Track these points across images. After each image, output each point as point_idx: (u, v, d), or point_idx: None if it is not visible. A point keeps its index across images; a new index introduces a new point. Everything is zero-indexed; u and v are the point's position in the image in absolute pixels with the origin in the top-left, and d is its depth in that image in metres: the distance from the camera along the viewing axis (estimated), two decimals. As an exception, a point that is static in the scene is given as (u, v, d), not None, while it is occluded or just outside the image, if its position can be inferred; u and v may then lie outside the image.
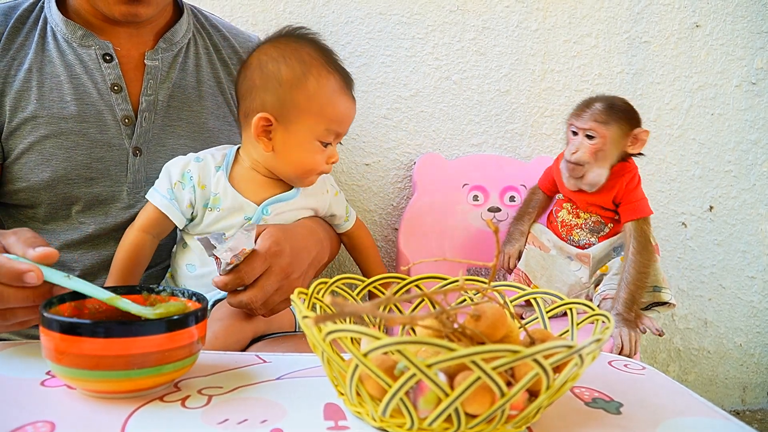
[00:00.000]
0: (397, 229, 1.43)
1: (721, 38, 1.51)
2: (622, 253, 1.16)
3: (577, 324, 0.58)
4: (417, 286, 0.63)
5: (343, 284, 0.61)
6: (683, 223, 1.57)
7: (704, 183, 1.56)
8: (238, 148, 0.91)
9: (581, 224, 1.19)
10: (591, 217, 1.19)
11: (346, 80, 0.88)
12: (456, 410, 0.42)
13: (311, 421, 0.47)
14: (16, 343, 0.61)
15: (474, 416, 0.43)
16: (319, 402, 0.51)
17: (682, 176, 1.55)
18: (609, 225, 1.18)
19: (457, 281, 0.63)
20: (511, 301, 0.61)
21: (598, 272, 1.18)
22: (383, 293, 0.63)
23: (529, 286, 0.67)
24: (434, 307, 0.63)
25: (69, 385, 0.51)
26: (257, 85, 0.85)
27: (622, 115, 1.12)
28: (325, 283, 0.59)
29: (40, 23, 0.89)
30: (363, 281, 0.61)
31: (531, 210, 1.26)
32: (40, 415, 0.46)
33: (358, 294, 0.61)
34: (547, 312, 0.60)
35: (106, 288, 0.57)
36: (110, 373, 0.48)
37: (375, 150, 1.43)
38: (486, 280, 0.59)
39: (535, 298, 0.61)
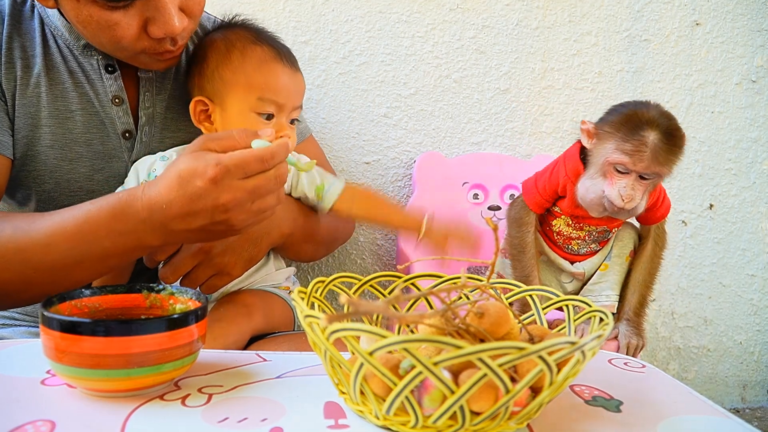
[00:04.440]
0: (397, 228, 1.43)
1: (721, 36, 1.51)
2: (615, 252, 1.10)
3: (574, 320, 0.58)
4: (413, 284, 0.63)
5: (341, 282, 0.61)
6: (683, 221, 1.57)
7: (704, 181, 1.55)
8: None
9: (584, 236, 1.09)
10: (597, 228, 1.08)
11: (277, 50, 0.87)
12: (461, 408, 0.42)
13: (311, 420, 0.47)
14: (16, 342, 0.61)
15: (478, 413, 0.43)
16: (319, 400, 0.51)
17: (682, 174, 1.55)
18: (614, 230, 1.11)
19: (452, 279, 0.63)
20: (507, 298, 0.61)
21: (598, 271, 1.14)
22: (381, 291, 0.63)
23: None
24: (431, 306, 0.64)
25: (69, 384, 0.51)
26: (191, 76, 0.88)
27: (683, 146, 0.95)
28: (323, 281, 0.59)
29: (36, 22, 0.84)
30: (360, 279, 0.62)
31: (531, 247, 1.08)
32: (40, 414, 0.46)
33: (355, 292, 0.61)
34: (543, 309, 0.60)
35: (96, 288, 0.58)
36: (110, 371, 0.48)
37: (375, 148, 1.43)
38: (483, 278, 0.59)
39: (531, 296, 0.61)
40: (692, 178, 1.55)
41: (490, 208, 1.38)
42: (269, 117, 0.85)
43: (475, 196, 1.38)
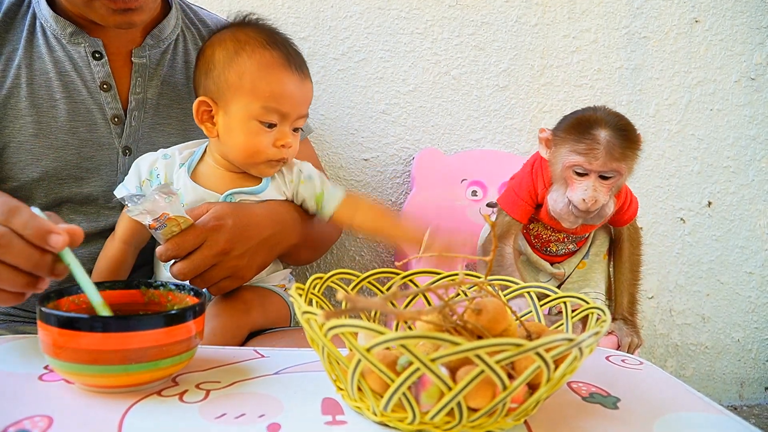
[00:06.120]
0: (395, 225, 1.43)
1: (720, 34, 1.51)
2: (593, 251, 1.12)
3: (572, 318, 0.58)
4: (411, 280, 0.63)
5: (339, 279, 0.61)
6: (682, 219, 1.57)
7: (703, 178, 1.56)
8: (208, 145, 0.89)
9: (562, 238, 1.09)
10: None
11: (287, 56, 0.84)
12: (458, 404, 0.42)
13: (309, 416, 0.47)
14: (14, 338, 0.61)
15: (475, 410, 0.43)
16: (317, 397, 0.51)
17: (681, 172, 1.55)
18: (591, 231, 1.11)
19: (450, 276, 0.63)
20: (504, 295, 0.61)
21: (577, 270, 1.14)
22: (379, 288, 0.63)
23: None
24: (429, 303, 0.64)
25: (67, 380, 0.51)
26: (198, 73, 0.86)
27: (638, 142, 0.95)
28: (321, 278, 0.59)
29: (28, 17, 0.87)
30: (358, 276, 0.62)
31: (509, 257, 1.07)
32: (38, 409, 0.46)
33: (353, 289, 0.62)
34: (541, 306, 0.60)
35: (94, 283, 0.57)
36: (108, 367, 0.48)
37: (373, 145, 1.42)
38: (481, 275, 0.59)
39: (529, 293, 0.61)
40: (691, 175, 1.55)
41: (488, 205, 1.38)
42: (271, 126, 0.83)
43: (474, 193, 1.38)
